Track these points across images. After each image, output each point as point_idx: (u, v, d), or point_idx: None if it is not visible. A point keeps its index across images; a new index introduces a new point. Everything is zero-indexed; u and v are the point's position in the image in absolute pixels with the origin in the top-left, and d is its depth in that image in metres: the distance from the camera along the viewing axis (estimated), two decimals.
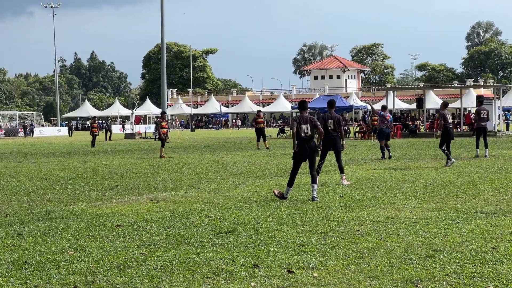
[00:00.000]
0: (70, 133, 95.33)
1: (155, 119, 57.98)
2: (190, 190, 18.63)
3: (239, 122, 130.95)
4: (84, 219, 13.66)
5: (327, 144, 19.70)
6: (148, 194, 18.04)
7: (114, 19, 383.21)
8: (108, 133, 60.43)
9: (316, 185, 16.26)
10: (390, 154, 29.36)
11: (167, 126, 37.05)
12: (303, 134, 16.27)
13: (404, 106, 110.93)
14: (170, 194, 17.91)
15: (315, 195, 16.04)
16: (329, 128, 19.52)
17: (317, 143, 16.65)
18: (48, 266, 9.56)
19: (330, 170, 23.77)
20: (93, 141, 51.12)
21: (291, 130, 16.62)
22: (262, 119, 43.24)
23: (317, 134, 16.79)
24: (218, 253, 10.19)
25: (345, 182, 19.29)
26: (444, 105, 26.26)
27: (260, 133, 41.26)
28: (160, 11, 75.63)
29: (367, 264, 9.38)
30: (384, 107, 30.58)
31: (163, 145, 34.84)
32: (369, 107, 64.65)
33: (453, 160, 24.90)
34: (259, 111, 45.69)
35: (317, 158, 17.17)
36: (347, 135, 60.40)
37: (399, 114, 73.45)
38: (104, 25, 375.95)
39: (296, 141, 16.34)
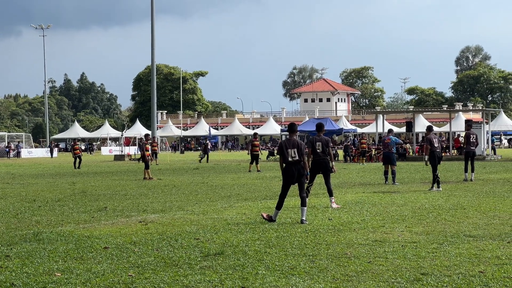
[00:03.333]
0: (51, 154, 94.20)
1: (140, 141, 57.78)
2: (179, 212, 18.59)
3: (229, 145, 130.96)
4: (72, 241, 13.61)
5: (316, 167, 19.69)
6: (137, 216, 18.00)
7: (104, 41, 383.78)
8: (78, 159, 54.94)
9: (305, 208, 16.25)
10: (394, 181, 28.39)
11: (155, 147, 36.98)
12: (290, 158, 16.28)
13: (394, 129, 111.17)
14: (159, 216, 17.86)
15: (304, 218, 16.03)
16: (318, 150, 19.51)
17: (305, 169, 16.67)
18: None
19: (319, 193, 23.78)
20: (75, 162, 50.57)
21: (280, 156, 16.63)
22: (258, 143, 43.45)
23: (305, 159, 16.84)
24: (207, 275, 10.17)
25: (334, 205, 19.28)
26: (429, 129, 26.24)
27: (254, 157, 41.49)
28: (151, 33, 75.77)
29: (355, 287, 9.38)
30: (389, 131, 29.95)
31: (147, 167, 34.75)
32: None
33: (440, 188, 24.66)
34: (255, 134, 45.87)
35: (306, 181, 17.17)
36: (336, 158, 60.44)
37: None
38: (94, 47, 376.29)
39: (284, 165, 16.40)
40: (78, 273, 10.42)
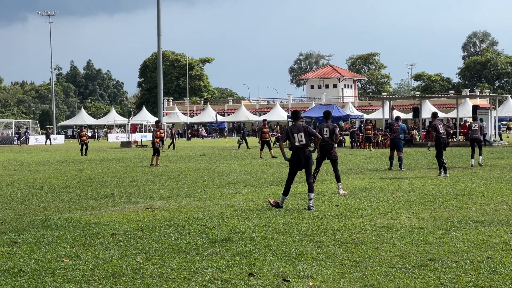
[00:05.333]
0: (50, 142, 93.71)
1: (151, 128, 57.96)
2: (186, 199, 18.62)
3: (226, 131, 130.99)
4: (80, 227, 13.65)
5: (323, 153, 19.79)
6: (144, 202, 18.02)
7: (110, 27, 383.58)
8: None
9: (312, 194, 16.29)
10: (401, 167, 28.42)
11: (162, 134, 37.05)
12: (296, 143, 16.28)
13: (400, 115, 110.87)
14: (166, 202, 17.89)
15: (311, 204, 16.04)
16: (325, 136, 19.58)
17: (315, 149, 16.81)
18: (43, 274, 9.55)
19: (326, 179, 23.79)
20: (82, 149, 50.61)
21: (279, 143, 16.58)
22: (268, 129, 43.75)
23: (313, 143, 16.86)
24: (214, 262, 10.18)
25: (341, 191, 19.30)
26: (434, 115, 26.36)
27: (265, 143, 41.84)
28: (157, 20, 75.69)
29: (363, 273, 9.38)
30: (397, 118, 30.56)
31: (157, 154, 34.69)
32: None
33: (447, 174, 24.75)
34: (264, 120, 46.00)
35: (313, 167, 17.20)
36: (343, 144, 60.42)
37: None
38: (101, 33, 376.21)
39: (291, 151, 16.43)
40: (86, 259, 10.44)
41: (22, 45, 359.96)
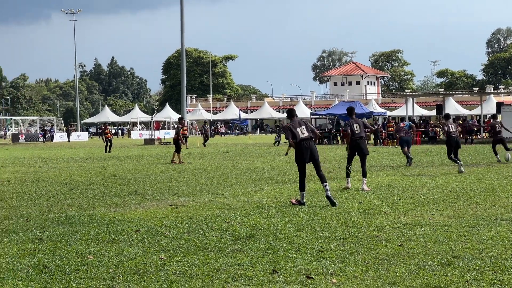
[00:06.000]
0: (69, 139, 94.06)
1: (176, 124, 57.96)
2: (209, 196, 18.64)
3: (248, 129, 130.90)
4: (104, 224, 13.70)
5: (355, 148, 19.89)
6: (167, 199, 18.07)
7: (134, 25, 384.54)
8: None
9: (327, 183, 16.38)
10: (410, 162, 29.21)
11: (185, 131, 37.06)
12: (301, 135, 16.44)
13: (424, 112, 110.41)
14: (189, 199, 17.93)
15: (328, 193, 16.10)
16: (356, 132, 19.73)
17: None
18: (68, 270, 9.60)
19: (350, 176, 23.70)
20: (106, 146, 50.89)
21: (287, 140, 16.75)
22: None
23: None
24: (237, 259, 10.19)
25: (365, 188, 19.32)
26: (446, 117, 27.39)
27: None
28: (180, 17, 75.82)
29: (386, 270, 9.36)
30: (401, 119, 31.99)
31: (178, 151, 34.76)
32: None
33: (462, 169, 24.99)
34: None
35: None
36: (367, 141, 60.26)
37: (419, 121, 73.26)
38: (124, 31, 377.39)
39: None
40: (110, 256, 10.49)
41: (46, 43, 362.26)
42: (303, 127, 16.60)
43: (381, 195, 17.92)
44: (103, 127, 58.51)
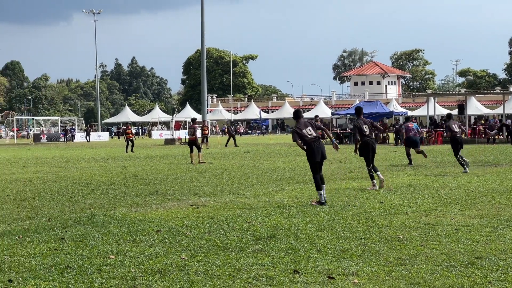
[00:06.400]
0: (88, 138, 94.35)
1: (202, 125, 58.13)
2: (230, 196, 18.64)
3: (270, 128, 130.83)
4: (125, 224, 13.73)
5: (366, 148, 19.97)
6: (188, 199, 18.09)
7: (154, 25, 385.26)
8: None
9: (324, 185, 16.64)
10: (416, 159, 29.76)
11: (206, 131, 36.88)
12: (309, 136, 16.64)
13: (445, 112, 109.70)
14: (210, 199, 17.94)
15: (323, 196, 16.42)
16: (366, 132, 19.93)
17: (333, 140, 17.76)
18: (89, 270, 9.63)
19: (368, 177, 23.62)
20: (127, 146, 50.99)
21: (296, 143, 16.95)
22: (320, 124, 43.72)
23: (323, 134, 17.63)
24: (258, 259, 10.18)
25: (381, 176, 19.80)
26: (448, 116, 27.85)
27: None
28: (201, 17, 75.89)
29: (408, 271, 9.32)
30: (406, 119, 32.18)
31: (192, 151, 34.78)
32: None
33: (467, 169, 25.17)
34: (317, 117, 45.91)
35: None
36: (387, 141, 60.07)
37: (440, 120, 73.00)
38: (145, 31, 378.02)
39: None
40: (132, 256, 10.51)
41: (67, 43, 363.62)
42: (310, 127, 16.81)
43: (402, 195, 17.86)
44: (124, 127, 58.80)
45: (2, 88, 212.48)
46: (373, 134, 20.40)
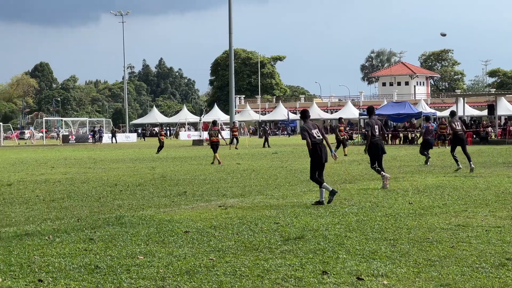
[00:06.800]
0: (114, 140, 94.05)
1: (231, 126, 58.55)
2: (259, 197, 18.62)
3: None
4: (153, 224, 13.75)
5: (376, 148, 20.44)
6: (216, 200, 18.09)
7: (182, 26, 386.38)
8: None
9: (324, 189, 16.75)
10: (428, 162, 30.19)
11: (235, 132, 36.86)
12: (317, 137, 17.05)
13: (475, 113, 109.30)
14: (238, 200, 17.93)
15: (330, 188, 16.72)
16: (376, 133, 20.43)
17: (332, 150, 17.88)
18: (119, 270, 9.65)
19: (399, 177, 23.55)
20: (160, 147, 51.08)
21: (304, 140, 17.22)
22: (343, 128, 44.03)
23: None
24: (287, 260, 10.15)
25: (388, 175, 20.27)
26: (452, 114, 27.84)
27: (340, 141, 42.22)
28: (228, 17, 75.96)
29: (438, 272, 9.25)
30: (427, 118, 32.11)
31: (215, 151, 34.96)
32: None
33: (460, 166, 26.30)
34: (341, 119, 46.10)
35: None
36: (415, 142, 59.77)
37: (470, 121, 72.63)
38: (172, 32, 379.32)
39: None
40: (160, 257, 10.51)
41: (95, 45, 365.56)
42: (317, 130, 17.20)
43: (431, 196, 17.75)
44: (159, 129, 59.33)
45: (32, 90, 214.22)
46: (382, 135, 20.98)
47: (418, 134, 63.82)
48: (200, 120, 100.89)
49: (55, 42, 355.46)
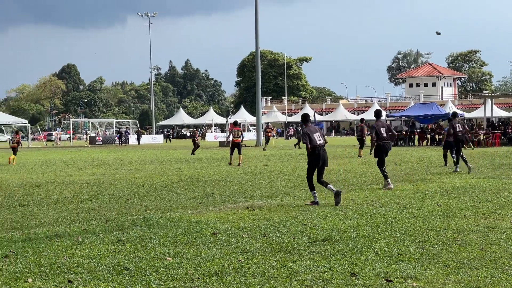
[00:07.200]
0: (139, 141, 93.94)
1: (265, 127, 59.01)
2: (286, 198, 18.62)
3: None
4: (181, 226, 13.78)
5: (382, 150, 20.90)
6: (244, 201, 18.10)
7: (208, 27, 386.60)
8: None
9: (330, 184, 17.29)
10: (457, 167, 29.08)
11: (269, 133, 36.46)
12: (318, 142, 17.34)
13: (503, 114, 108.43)
14: (266, 201, 17.94)
15: (334, 189, 17.04)
16: (383, 135, 20.86)
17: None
18: (147, 271, 9.68)
19: (427, 178, 23.46)
20: (194, 149, 51.14)
21: (305, 144, 17.51)
22: (366, 129, 44.22)
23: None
24: (315, 261, 10.14)
25: (390, 185, 20.44)
26: (454, 115, 28.80)
27: (363, 142, 42.40)
28: (255, 19, 75.97)
29: (468, 274, 9.20)
30: (449, 120, 32.05)
31: (240, 152, 35.25)
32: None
33: (457, 167, 26.61)
34: (362, 119, 46.19)
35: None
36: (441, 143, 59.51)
37: (498, 122, 72.17)
38: (198, 33, 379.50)
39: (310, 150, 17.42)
40: (189, 258, 10.54)
41: (122, 46, 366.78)
42: (318, 133, 17.48)
43: (460, 198, 17.66)
44: (193, 131, 60.26)
45: (59, 91, 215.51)
46: (389, 137, 21.29)
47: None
48: (226, 122, 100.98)
49: (82, 44, 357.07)
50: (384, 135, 20.89)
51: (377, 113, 21.74)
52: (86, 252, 11.10)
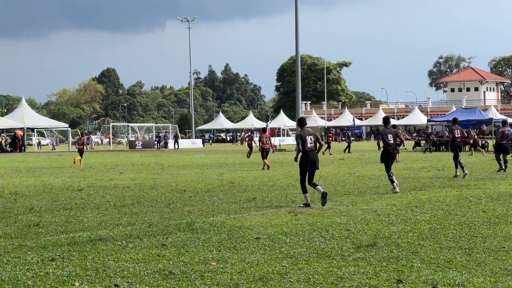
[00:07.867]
0: (176, 146, 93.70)
1: (327, 131, 59.31)
2: (328, 203, 18.52)
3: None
4: (225, 231, 13.77)
5: (388, 155, 21.70)
6: (286, 206, 18.06)
7: (248, 32, 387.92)
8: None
9: (318, 186, 18.03)
10: (505, 168, 30.17)
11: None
12: (309, 145, 17.85)
13: None
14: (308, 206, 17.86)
15: (321, 190, 17.79)
16: (390, 141, 21.78)
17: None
18: (192, 276, 9.67)
19: (471, 184, 23.25)
20: (250, 152, 51.02)
21: (297, 146, 18.16)
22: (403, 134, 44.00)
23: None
24: (360, 267, 10.07)
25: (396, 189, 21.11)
26: (454, 121, 29.27)
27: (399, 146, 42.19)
28: (295, 23, 75.88)
29: None
30: (503, 123, 31.98)
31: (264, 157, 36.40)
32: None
33: (457, 172, 27.11)
34: (394, 126, 45.88)
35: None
36: (486, 148, 58.86)
37: None
38: (238, 38, 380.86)
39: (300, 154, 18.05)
40: (233, 263, 10.52)
41: (161, 50, 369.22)
42: (311, 137, 18.02)
43: (505, 204, 17.46)
44: (249, 133, 60.12)
45: (98, 95, 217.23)
46: (396, 144, 22.43)
47: (492, 141, 62.88)
48: (266, 126, 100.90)
49: (121, 48, 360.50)
50: (391, 141, 21.78)
51: (385, 120, 22.87)
52: (131, 257, 11.13)
